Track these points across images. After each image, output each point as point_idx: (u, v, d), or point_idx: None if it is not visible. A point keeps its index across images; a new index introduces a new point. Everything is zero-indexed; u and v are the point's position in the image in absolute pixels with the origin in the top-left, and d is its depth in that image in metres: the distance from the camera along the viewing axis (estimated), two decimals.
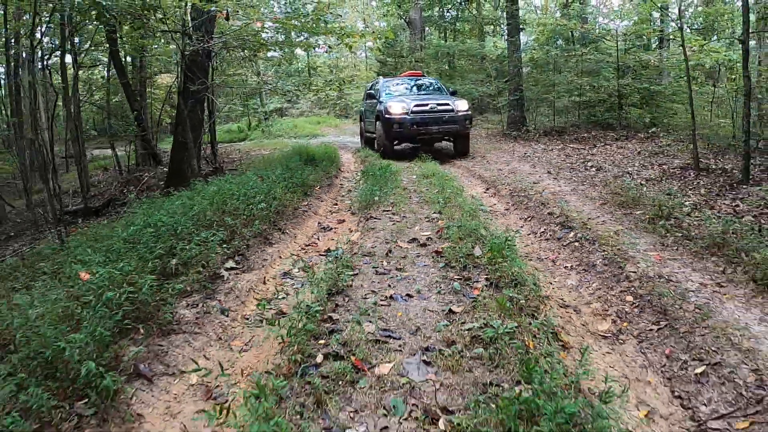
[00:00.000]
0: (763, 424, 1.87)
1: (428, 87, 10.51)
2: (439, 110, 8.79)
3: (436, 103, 8.86)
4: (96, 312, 2.17)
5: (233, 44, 7.31)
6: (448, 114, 8.79)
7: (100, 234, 3.63)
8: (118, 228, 3.39)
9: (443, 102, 8.92)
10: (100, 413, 1.87)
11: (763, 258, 2.96)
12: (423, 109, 8.76)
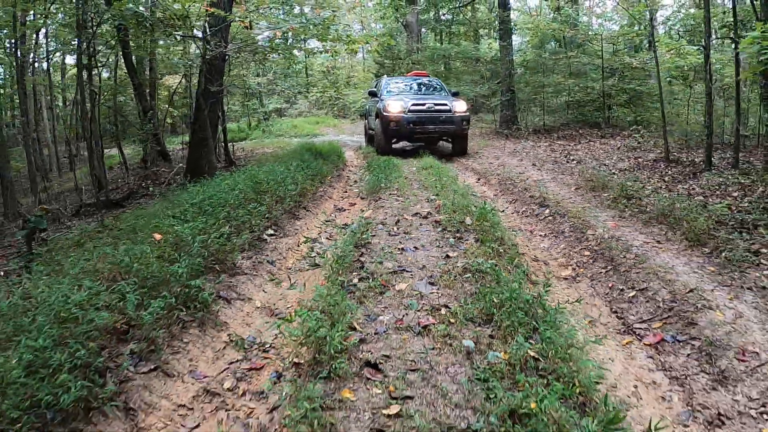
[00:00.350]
0: (671, 323, 2.71)
1: (430, 87, 10.75)
2: (437, 110, 9.06)
3: (434, 103, 9.16)
4: (186, 255, 2.98)
5: (247, 49, 8.14)
6: (445, 114, 9.05)
7: (147, 213, 4.42)
8: (187, 198, 4.20)
9: (441, 102, 9.21)
10: (197, 321, 2.68)
11: (696, 224, 3.81)
12: (420, 108, 9.04)
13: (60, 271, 2.84)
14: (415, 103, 9.12)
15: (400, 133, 9.18)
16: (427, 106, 9.10)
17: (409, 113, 8.98)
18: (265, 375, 2.28)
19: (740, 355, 2.30)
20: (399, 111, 9.02)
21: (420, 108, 9.05)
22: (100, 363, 2.04)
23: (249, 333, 2.68)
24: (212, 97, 8.24)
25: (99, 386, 1.95)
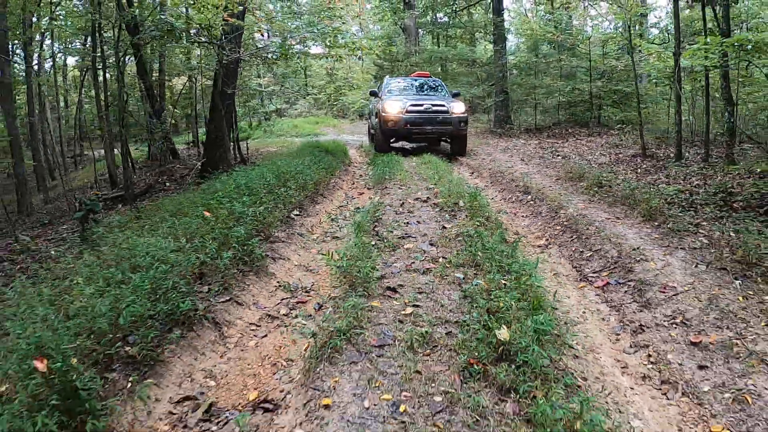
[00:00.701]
0: (616, 272, 3.57)
1: (431, 88, 10.97)
2: (434, 111, 9.30)
3: (431, 104, 9.40)
4: (243, 223, 3.83)
5: (261, 54, 8.99)
6: (442, 115, 9.29)
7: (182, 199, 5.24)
8: (230, 182, 5.04)
9: (438, 103, 9.45)
10: (254, 270, 3.53)
11: (650, 203, 4.67)
12: (418, 109, 9.28)
13: (130, 239, 3.67)
14: (413, 103, 9.39)
15: (398, 132, 9.48)
16: (424, 107, 9.36)
17: (407, 114, 9.24)
18: (310, 306, 3.14)
19: (662, 289, 3.16)
20: (397, 111, 9.29)
21: (418, 109, 9.32)
22: (193, 291, 2.88)
23: (292, 280, 3.54)
24: (228, 98, 9.10)
25: (193, 309, 2.78)
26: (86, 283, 2.72)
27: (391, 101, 9.55)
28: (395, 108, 9.33)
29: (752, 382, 2.26)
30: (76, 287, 2.65)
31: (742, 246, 3.46)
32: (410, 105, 9.35)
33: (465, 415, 1.80)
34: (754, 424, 2.05)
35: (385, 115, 9.35)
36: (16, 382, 1.84)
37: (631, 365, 2.58)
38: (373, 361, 2.13)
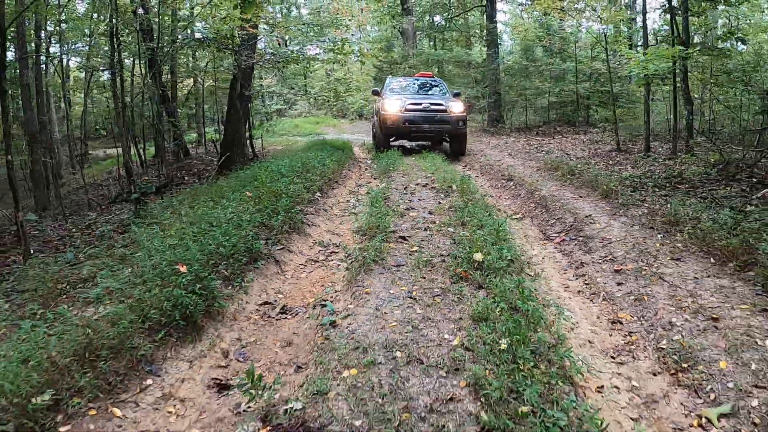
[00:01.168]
0: (571, 232, 4.75)
1: (431, 88, 11.36)
2: (432, 110, 9.66)
3: (430, 103, 9.78)
4: (285, 197, 5.00)
5: (274, 59, 10.17)
6: (440, 114, 9.64)
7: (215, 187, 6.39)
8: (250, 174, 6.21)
9: (437, 103, 9.84)
10: (296, 231, 4.70)
11: (610, 185, 5.85)
12: (416, 108, 9.66)
13: (185, 214, 4.82)
14: (412, 103, 9.79)
15: (397, 131, 9.84)
16: (423, 106, 9.73)
17: (406, 112, 9.62)
18: (341, 254, 4.31)
19: (601, 240, 4.35)
20: (396, 110, 9.65)
21: (416, 108, 9.70)
22: (259, 239, 4.05)
23: (324, 239, 4.72)
24: (244, 99, 10.28)
25: (261, 251, 3.94)
26: (177, 234, 3.87)
27: (391, 100, 9.97)
28: (394, 107, 9.73)
29: (649, 290, 3.44)
30: (172, 237, 3.80)
31: (670, 212, 4.65)
32: (409, 104, 9.73)
33: (453, 296, 2.98)
34: (645, 311, 3.23)
35: (385, 114, 9.75)
36: (166, 278, 2.99)
37: (571, 286, 3.77)
38: (393, 272, 3.31)
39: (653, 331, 2.96)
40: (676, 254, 3.83)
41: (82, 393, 2.17)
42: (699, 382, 2.47)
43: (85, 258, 4.20)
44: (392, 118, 9.63)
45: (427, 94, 11.00)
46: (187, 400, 2.38)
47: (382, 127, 9.89)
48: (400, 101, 9.85)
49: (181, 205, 5.60)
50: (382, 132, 10.00)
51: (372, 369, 2.20)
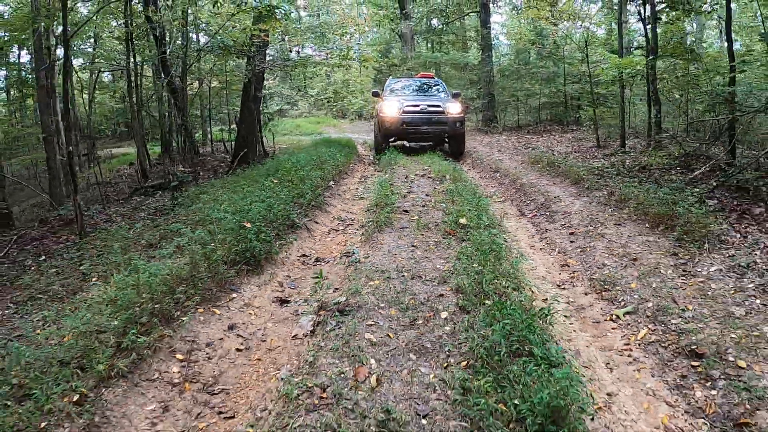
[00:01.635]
0: (541, 209, 5.95)
1: (431, 88, 11.76)
2: (430, 111, 10.04)
3: (427, 105, 10.13)
4: (307, 182, 6.18)
5: (286, 64, 11.35)
6: (437, 116, 10.01)
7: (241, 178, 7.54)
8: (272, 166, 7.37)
9: (434, 104, 10.18)
10: (319, 208, 5.88)
11: (580, 173, 7.04)
12: (414, 109, 10.01)
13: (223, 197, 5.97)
14: (410, 104, 10.15)
15: (395, 132, 10.23)
16: (420, 108, 10.10)
17: (404, 114, 9.98)
18: (356, 225, 5.48)
19: (563, 214, 5.54)
20: (394, 112, 10.00)
21: (414, 109, 10.08)
22: (293, 211, 5.23)
23: (341, 215, 5.90)
24: (257, 101, 11.45)
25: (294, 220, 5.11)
26: (233, 205, 5.03)
27: (389, 102, 10.35)
28: (392, 109, 10.09)
29: (593, 244, 4.62)
30: (227, 208, 4.96)
31: (623, 192, 5.84)
32: (407, 106, 10.11)
33: (443, 245, 4.15)
34: (587, 257, 4.40)
35: (383, 116, 10.13)
36: (236, 231, 4.15)
37: (536, 245, 4.96)
38: (399, 232, 4.49)
39: (589, 269, 4.15)
40: (620, 222, 5.02)
41: (192, 299, 3.33)
42: (615, 296, 3.66)
43: (148, 228, 5.36)
44: (390, 120, 10.01)
45: (427, 95, 11.38)
46: (260, 307, 3.56)
47: (381, 129, 10.29)
48: (398, 103, 10.20)
49: (215, 191, 6.77)
50: (381, 134, 10.43)
51: (388, 281, 3.37)
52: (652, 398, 2.55)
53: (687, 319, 3.10)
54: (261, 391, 2.59)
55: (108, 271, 3.91)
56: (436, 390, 2.21)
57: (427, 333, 2.71)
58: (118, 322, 2.74)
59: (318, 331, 2.93)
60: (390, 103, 10.28)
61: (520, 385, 2.09)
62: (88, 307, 2.95)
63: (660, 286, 3.58)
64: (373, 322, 2.80)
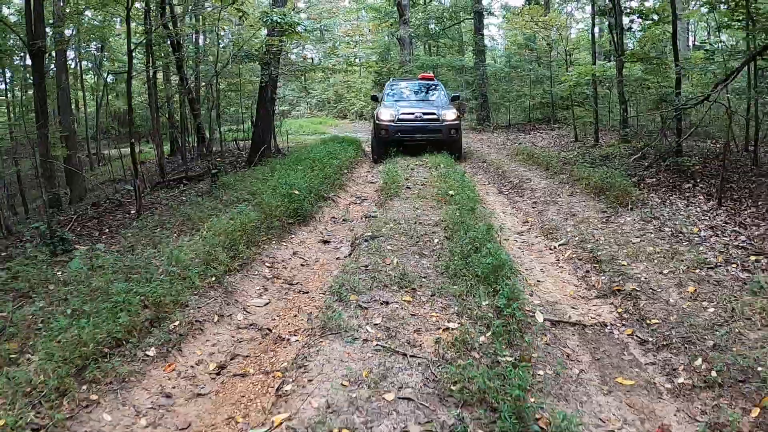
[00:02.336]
0: (515, 187, 7.69)
1: (430, 91, 12.03)
2: (425, 119, 10.39)
3: (422, 112, 10.51)
4: (327, 168, 7.91)
5: (298, 69, 13.07)
6: (432, 123, 10.34)
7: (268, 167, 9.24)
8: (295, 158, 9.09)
9: (429, 111, 10.58)
10: (338, 188, 7.61)
11: (551, 162, 8.77)
12: (409, 117, 10.35)
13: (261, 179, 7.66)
14: (405, 111, 10.52)
15: (391, 139, 10.51)
16: (415, 115, 10.45)
17: (399, 122, 10.32)
18: (369, 201, 7.21)
19: (531, 190, 7.28)
20: (389, 119, 10.34)
21: (409, 117, 10.43)
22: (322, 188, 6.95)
23: (357, 193, 7.62)
24: (273, 103, 13.17)
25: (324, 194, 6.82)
26: (280, 182, 6.72)
27: (384, 109, 10.72)
28: (387, 116, 10.46)
29: (547, 208, 6.35)
30: (274, 184, 6.66)
31: (579, 174, 7.56)
32: (401, 113, 10.46)
33: (437, 208, 5.88)
34: (542, 216, 6.12)
35: (379, 123, 10.52)
36: (287, 196, 5.86)
37: (507, 211, 6.71)
38: (404, 200, 6.22)
39: (542, 223, 5.89)
40: (572, 194, 6.77)
41: (267, 235, 5.02)
42: (555, 236, 5.39)
43: (207, 201, 7.03)
44: (385, 128, 10.42)
45: (424, 100, 11.82)
46: (310, 245, 5.29)
47: (377, 137, 10.68)
48: (393, 110, 10.58)
49: (249, 178, 8.45)
50: (377, 141, 10.81)
51: (399, 224, 5.08)
52: (566, 283, 4.28)
53: (598, 245, 4.83)
54: (321, 282, 4.30)
55: (194, 225, 5.60)
56: (430, 268, 3.93)
57: (425, 247, 4.44)
58: (228, 242, 4.44)
59: (354, 253, 4.64)
60: (385, 111, 10.67)
61: (478, 263, 3.80)
62: (203, 237, 4.64)
63: (586, 229, 5.31)
64: (391, 242, 4.51)
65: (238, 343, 3.24)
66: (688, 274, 3.89)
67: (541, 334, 3.17)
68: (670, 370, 2.84)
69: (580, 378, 2.78)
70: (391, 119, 10.38)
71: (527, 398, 2.33)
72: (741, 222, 5.32)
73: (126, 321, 2.95)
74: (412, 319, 3.08)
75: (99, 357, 2.68)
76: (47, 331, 2.87)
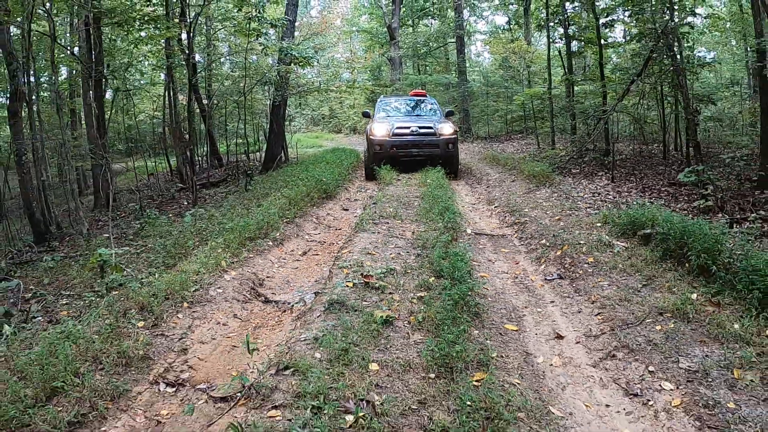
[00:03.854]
0: (480, 180, 11.00)
1: (423, 108, 12.45)
2: (421, 134, 10.56)
3: (418, 127, 10.61)
4: (337, 169, 11.21)
5: (305, 91, 16.40)
6: (428, 138, 10.50)
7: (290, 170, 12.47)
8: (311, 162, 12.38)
9: (425, 126, 10.74)
10: (348, 181, 10.89)
11: (508, 162, 12.08)
12: (404, 132, 10.51)
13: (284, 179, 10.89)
14: (400, 126, 10.65)
15: (385, 156, 10.62)
16: (411, 130, 10.57)
17: (393, 137, 10.44)
18: (371, 192, 10.48)
19: (487, 180, 10.59)
20: (383, 134, 10.46)
21: (404, 132, 10.57)
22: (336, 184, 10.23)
23: (361, 186, 10.93)
24: (283, 118, 16.48)
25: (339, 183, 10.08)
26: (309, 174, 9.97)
27: (378, 124, 10.90)
28: (381, 131, 10.57)
29: (494, 190, 9.64)
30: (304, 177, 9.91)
31: (522, 167, 10.87)
32: (396, 128, 10.58)
33: (419, 189, 9.17)
34: (490, 195, 9.40)
35: (372, 139, 10.68)
36: (317, 183, 9.12)
37: (468, 194, 10.02)
38: (396, 185, 9.52)
39: (489, 200, 9.20)
40: (514, 180, 10.09)
41: (308, 204, 8.26)
42: (493, 203, 8.68)
43: (256, 191, 10.24)
44: (380, 144, 10.53)
45: (418, 115, 12.07)
46: (336, 210, 8.59)
47: (371, 153, 10.81)
48: (387, 125, 10.70)
49: (274, 179, 11.70)
50: (370, 157, 10.97)
51: (392, 197, 8.35)
52: (491, 222, 7.54)
53: (516, 204, 8.10)
54: (347, 226, 7.53)
55: (258, 202, 8.81)
56: (411, 213, 7.20)
57: (408, 205, 7.72)
58: (288, 205, 7.66)
59: (366, 210, 7.88)
60: (379, 126, 10.78)
61: (438, 209, 7.06)
62: (271, 203, 7.84)
63: (514, 198, 8.61)
64: (388, 204, 7.76)
65: (309, 245, 6.48)
66: (560, 213, 7.17)
67: (468, 237, 6.42)
68: (528, 245, 6.12)
69: (484, 250, 6.03)
70: (386, 134, 10.52)
71: (453, 249, 5.57)
72: (618, 190, 8.64)
73: (249, 234, 6.16)
74: (400, 228, 6.34)
75: (244, 244, 5.91)
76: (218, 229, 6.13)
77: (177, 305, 4.24)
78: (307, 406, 2.59)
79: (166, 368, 3.48)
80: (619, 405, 3.05)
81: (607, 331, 3.76)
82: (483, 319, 3.94)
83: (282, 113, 16.22)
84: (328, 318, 3.68)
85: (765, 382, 3.01)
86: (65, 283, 5.58)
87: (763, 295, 3.69)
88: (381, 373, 3.02)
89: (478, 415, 2.61)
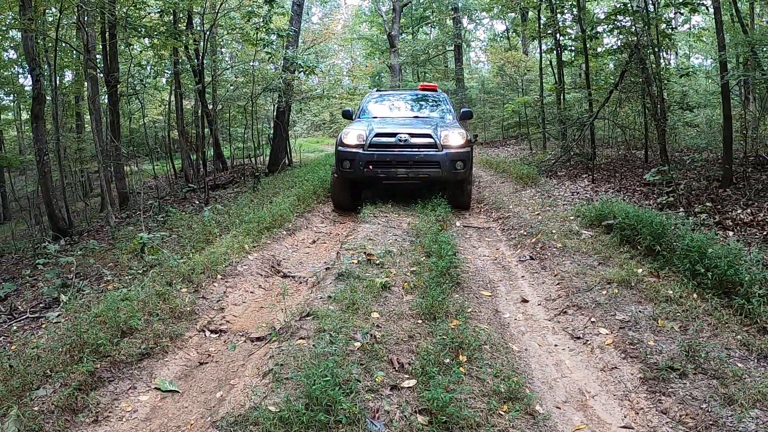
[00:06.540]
0: (481, 186, 11.98)
1: (429, 107, 9.31)
2: (412, 144, 7.40)
3: (409, 134, 7.42)
4: None
5: (308, 98, 17.38)
6: (424, 150, 7.41)
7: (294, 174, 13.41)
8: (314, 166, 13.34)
9: (422, 133, 7.55)
10: None
11: (500, 166, 13.05)
12: (386, 141, 7.38)
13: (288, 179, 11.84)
14: (380, 133, 7.47)
15: (355, 175, 7.55)
16: (397, 138, 7.42)
17: (370, 149, 7.32)
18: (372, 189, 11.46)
19: (477, 181, 11.55)
20: (355, 143, 7.38)
21: (386, 141, 7.41)
22: None
23: None
24: (287, 123, 17.46)
25: None
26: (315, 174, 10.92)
27: (351, 129, 7.79)
28: (353, 138, 7.49)
29: (486, 189, 10.59)
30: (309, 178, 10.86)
31: (512, 170, 11.83)
32: (375, 135, 7.43)
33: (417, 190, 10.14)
34: (481, 195, 10.36)
35: (341, 151, 7.56)
36: (320, 182, 10.07)
37: None
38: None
39: (481, 196, 10.14)
40: (504, 181, 11.05)
41: (315, 200, 9.21)
42: (484, 202, 9.63)
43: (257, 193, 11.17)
44: (350, 158, 7.42)
45: (418, 115, 8.98)
46: (327, 213, 9.49)
47: (339, 171, 7.68)
48: (365, 129, 7.60)
49: (280, 180, 12.65)
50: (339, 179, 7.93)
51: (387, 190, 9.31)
52: (480, 218, 8.48)
53: (503, 202, 9.05)
54: (351, 221, 8.48)
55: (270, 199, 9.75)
56: (414, 202, 8.14)
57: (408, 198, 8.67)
58: (297, 201, 8.61)
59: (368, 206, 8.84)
60: (352, 132, 7.67)
61: (436, 208, 8.00)
62: (282, 200, 8.78)
63: (501, 197, 9.56)
64: None
65: (318, 236, 7.43)
66: (540, 209, 8.11)
67: (457, 229, 7.36)
68: (508, 235, 7.07)
69: (470, 239, 6.98)
70: (359, 144, 7.45)
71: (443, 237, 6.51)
72: (596, 190, 9.61)
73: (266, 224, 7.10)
74: (397, 220, 7.28)
75: (262, 233, 6.85)
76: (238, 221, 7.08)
77: (212, 277, 5.21)
78: (325, 337, 3.53)
79: (208, 321, 4.44)
80: (565, 345, 3.99)
81: (563, 295, 4.72)
82: (463, 288, 4.89)
83: (286, 119, 17.20)
84: (338, 284, 4.61)
85: (682, 329, 3.94)
86: (105, 264, 6.52)
87: (692, 267, 4.63)
88: (380, 319, 3.96)
89: (453, 344, 3.55)
